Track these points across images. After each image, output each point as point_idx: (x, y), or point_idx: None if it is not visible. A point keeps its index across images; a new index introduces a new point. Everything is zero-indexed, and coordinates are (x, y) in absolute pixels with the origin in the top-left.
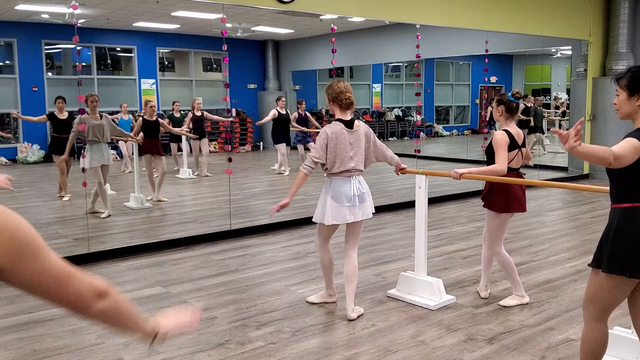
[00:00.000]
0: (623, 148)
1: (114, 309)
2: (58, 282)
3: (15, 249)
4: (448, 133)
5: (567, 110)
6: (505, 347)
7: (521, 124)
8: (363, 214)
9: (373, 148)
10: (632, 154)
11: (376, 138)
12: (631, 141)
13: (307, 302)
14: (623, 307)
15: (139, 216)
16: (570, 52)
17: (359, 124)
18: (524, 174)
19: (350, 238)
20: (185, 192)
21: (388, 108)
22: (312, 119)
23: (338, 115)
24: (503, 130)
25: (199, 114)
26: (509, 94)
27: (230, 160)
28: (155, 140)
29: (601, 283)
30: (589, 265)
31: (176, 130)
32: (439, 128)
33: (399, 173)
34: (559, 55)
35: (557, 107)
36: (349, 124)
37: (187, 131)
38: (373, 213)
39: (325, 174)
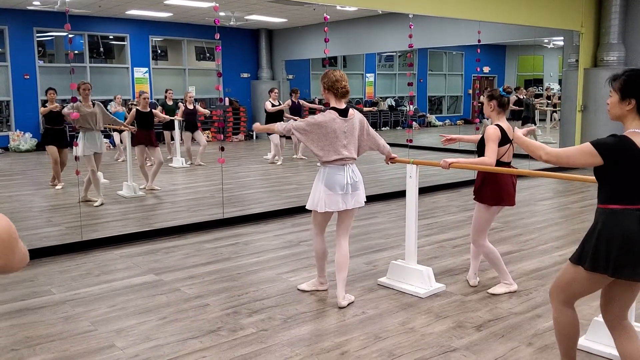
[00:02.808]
0: (567, 150)
1: None
2: (22, 257)
3: (7, 248)
4: (441, 123)
5: (559, 101)
6: (493, 334)
7: (513, 115)
8: (355, 202)
9: (366, 136)
10: (580, 156)
11: (369, 126)
12: (584, 147)
13: (298, 289)
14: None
15: (132, 205)
16: (562, 43)
17: (354, 113)
18: (516, 168)
19: (342, 226)
20: (178, 181)
21: (381, 98)
22: (307, 104)
23: (333, 103)
24: (495, 125)
25: (191, 107)
26: (500, 89)
27: (222, 149)
28: (149, 131)
29: (579, 277)
30: (569, 259)
31: (168, 117)
32: (431, 118)
33: (389, 162)
34: (551, 46)
35: (548, 98)
36: (344, 113)
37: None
38: (365, 202)
39: (318, 162)
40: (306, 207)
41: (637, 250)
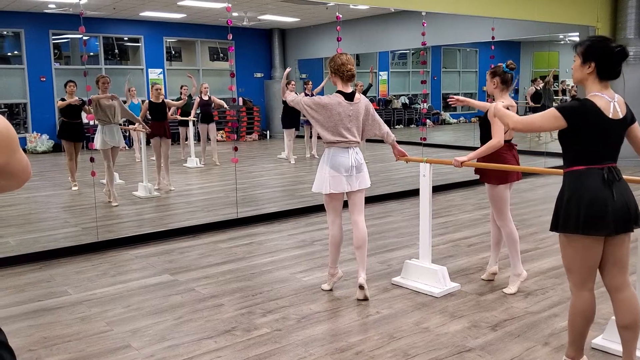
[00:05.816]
0: (532, 116)
1: None
2: (25, 163)
3: (8, 146)
4: (455, 120)
5: (575, 94)
6: (508, 333)
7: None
8: (360, 184)
9: (371, 121)
10: (544, 120)
11: (375, 112)
12: (549, 111)
13: (322, 289)
14: None
15: (147, 205)
16: (577, 39)
17: (360, 97)
18: (516, 145)
19: (354, 207)
20: (192, 181)
21: (395, 96)
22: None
23: (339, 87)
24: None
25: (206, 98)
26: (503, 65)
27: (236, 149)
28: (163, 122)
29: (568, 247)
30: (550, 230)
31: (179, 103)
32: (445, 115)
33: (399, 158)
34: (566, 41)
35: (563, 92)
36: (349, 97)
37: (194, 115)
38: (370, 183)
39: (324, 145)
40: (312, 190)
41: (602, 206)
